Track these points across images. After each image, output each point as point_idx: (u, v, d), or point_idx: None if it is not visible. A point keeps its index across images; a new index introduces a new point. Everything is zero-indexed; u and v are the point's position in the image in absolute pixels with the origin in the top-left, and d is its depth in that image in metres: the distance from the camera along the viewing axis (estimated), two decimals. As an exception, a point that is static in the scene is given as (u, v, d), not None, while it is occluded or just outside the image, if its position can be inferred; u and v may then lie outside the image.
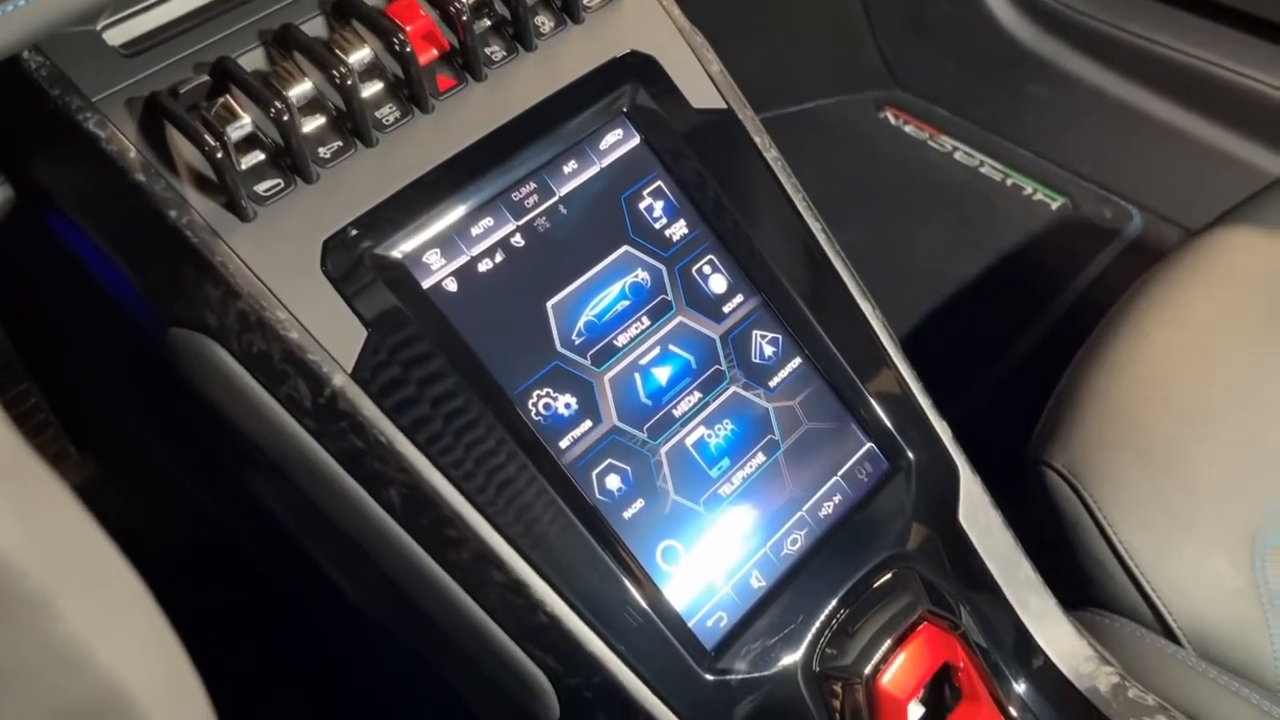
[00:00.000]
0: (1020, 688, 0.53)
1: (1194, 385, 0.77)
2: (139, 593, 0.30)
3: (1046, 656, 0.54)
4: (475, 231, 0.49)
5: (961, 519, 0.55)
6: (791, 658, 0.50)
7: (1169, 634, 0.69)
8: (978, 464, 0.83)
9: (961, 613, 0.53)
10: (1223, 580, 0.69)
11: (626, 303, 0.52)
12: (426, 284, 0.48)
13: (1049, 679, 0.53)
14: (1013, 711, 0.51)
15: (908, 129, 1.35)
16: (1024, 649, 0.54)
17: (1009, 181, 1.28)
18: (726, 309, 0.54)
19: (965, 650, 0.52)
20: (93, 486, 0.75)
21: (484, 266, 0.49)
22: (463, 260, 0.49)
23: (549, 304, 0.50)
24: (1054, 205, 1.25)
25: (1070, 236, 1.22)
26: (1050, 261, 1.21)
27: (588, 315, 0.51)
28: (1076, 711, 0.53)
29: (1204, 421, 0.75)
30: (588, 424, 0.49)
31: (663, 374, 0.52)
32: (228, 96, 0.45)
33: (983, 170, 1.29)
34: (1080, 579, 0.72)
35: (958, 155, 1.31)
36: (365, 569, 0.48)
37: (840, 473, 0.54)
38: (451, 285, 0.48)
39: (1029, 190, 1.27)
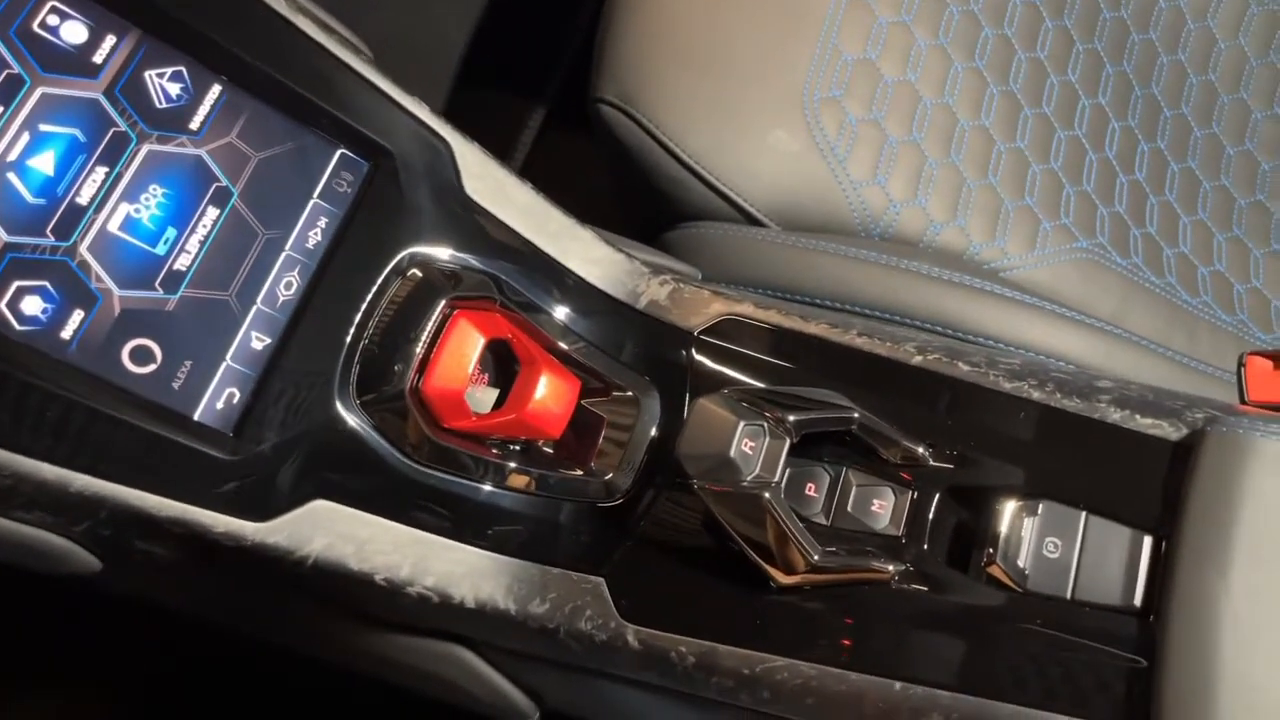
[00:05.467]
0: (576, 327, 0.52)
1: (717, -34, 0.74)
2: None
3: (599, 291, 0.53)
4: None
5: (470, 192, 0.51)
6: (326, 400, 0.46)
7: (753, 220, 0.71)
8: (580, 120, 0.79)
9: (499, 285, 0.51)
10: (784, 150, 0.70)
11: (-44, 94, 0.42)
12: None
13: (605, 310, 0.53)
14: (570, 352, 0.50)
15: None
16: (573, 293, 0.52)
17: None
18: (98, 58, 0.44)
19: (511, 321, 0.50)
20: None
21: None
22: None
23: None
24: None
25: None
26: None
27: (-94, 127, 0.41)
28: (635, 330, 0.53)
29: (730, 2, 0.73)
30: (-32, 252, 0.41)
31: (44, 162, 0.43)
32: None
33: None
34: (665, 200, 0.72)
35: None
36: None
37: (317, 193, 0.48)
38: None
39: None
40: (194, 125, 0.46)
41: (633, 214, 0.76)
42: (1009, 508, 0.44)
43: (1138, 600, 0.42)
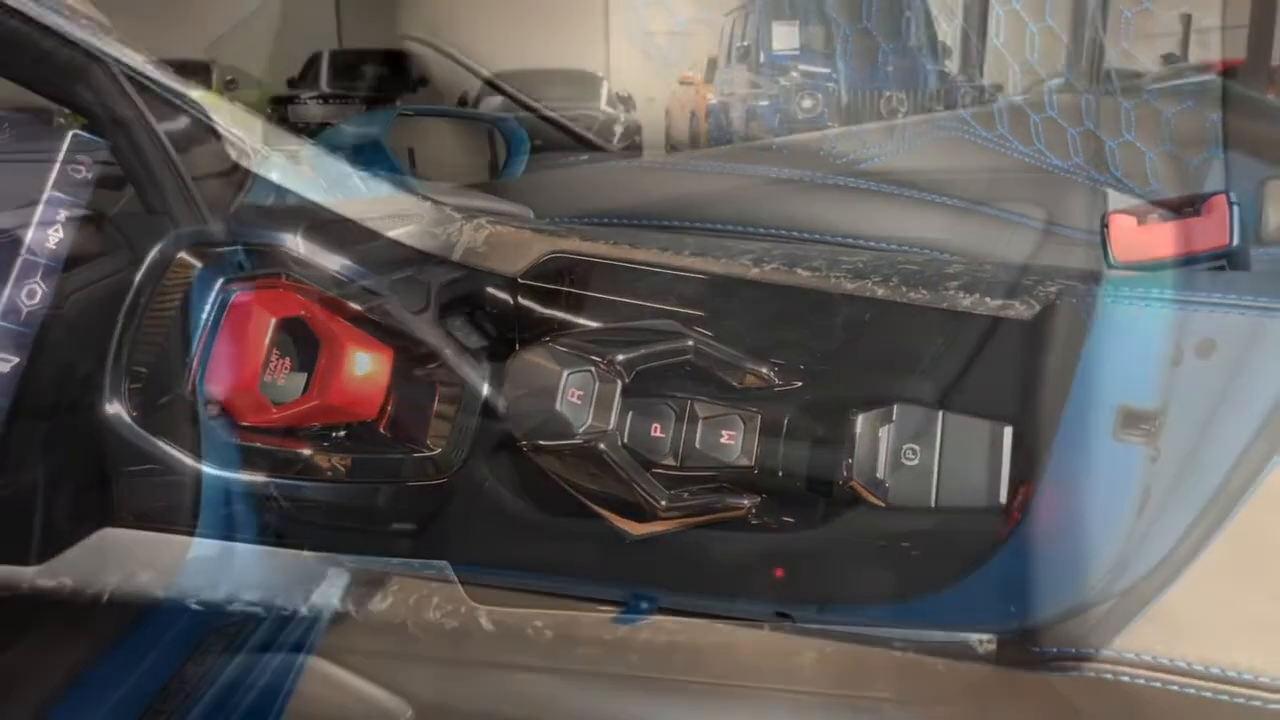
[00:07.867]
0: (383, 292, 0.46)
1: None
2: None
3: (406, 247, 0.48)
4: None
5: (238, 158, 0.45)
6: (97, 415, 0.41)
7: (592, 146, 0.66)
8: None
9: (288, 258, 0.45)
10: (616, 66, 0.65)
11: None
12: None
13: (416, 265, 0.48)
14: (376, 319, 0.45)
15: None
16: (376, 254, 0.47)
17: None
18: None
19: (304, 295, 0.45)
20: None
21: None
22: None
23: None
24: None
25: None
26: None
27: None
28: (453, 285, 0.48)
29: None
30: None
31: None
32: None
33: None
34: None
35: None
36: None
37: (51, 183, 0.42)
38: None
39: None
40: (-119, 126, 0.40)
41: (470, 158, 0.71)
42: (862, 418, 0.41)
43: (1003, 497, 0.39)
